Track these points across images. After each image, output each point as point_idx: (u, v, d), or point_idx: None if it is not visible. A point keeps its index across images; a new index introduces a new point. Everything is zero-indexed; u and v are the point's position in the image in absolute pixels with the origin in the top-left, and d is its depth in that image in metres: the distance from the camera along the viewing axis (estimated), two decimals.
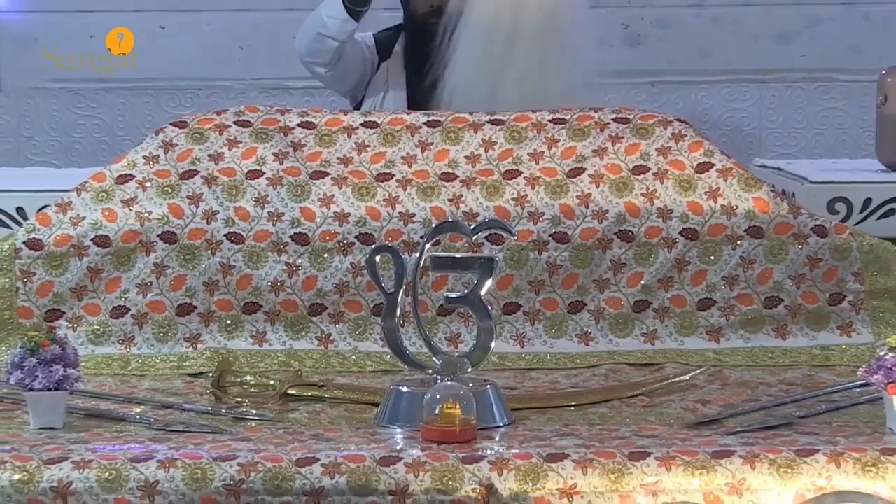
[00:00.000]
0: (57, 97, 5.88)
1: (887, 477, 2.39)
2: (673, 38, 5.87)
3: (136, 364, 3.10)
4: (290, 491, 2.36)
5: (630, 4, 5.85)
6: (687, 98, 5.73)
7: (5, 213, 3.60)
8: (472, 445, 2.47)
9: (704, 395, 2.88)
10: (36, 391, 2.59)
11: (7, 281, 3.14)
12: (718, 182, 3.24)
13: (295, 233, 3.18)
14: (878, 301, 3.19)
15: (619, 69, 5.78)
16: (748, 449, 2.43)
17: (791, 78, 5.89)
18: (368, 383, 2.95)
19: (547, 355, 3.15)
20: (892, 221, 3.71)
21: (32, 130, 5.90)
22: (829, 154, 5.14)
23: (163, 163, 3.27)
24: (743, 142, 5.39)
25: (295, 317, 3.16)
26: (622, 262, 3.19)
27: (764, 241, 3.19)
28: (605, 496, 2.37)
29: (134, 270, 3.16)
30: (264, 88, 5.67)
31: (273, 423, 2.67)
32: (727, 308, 3.18)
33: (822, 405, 2.71)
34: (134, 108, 5.78)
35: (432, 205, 3.21)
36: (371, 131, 3.35)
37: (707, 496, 2.38)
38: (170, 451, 2.43)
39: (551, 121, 3.37)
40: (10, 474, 2.37)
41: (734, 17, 5.87)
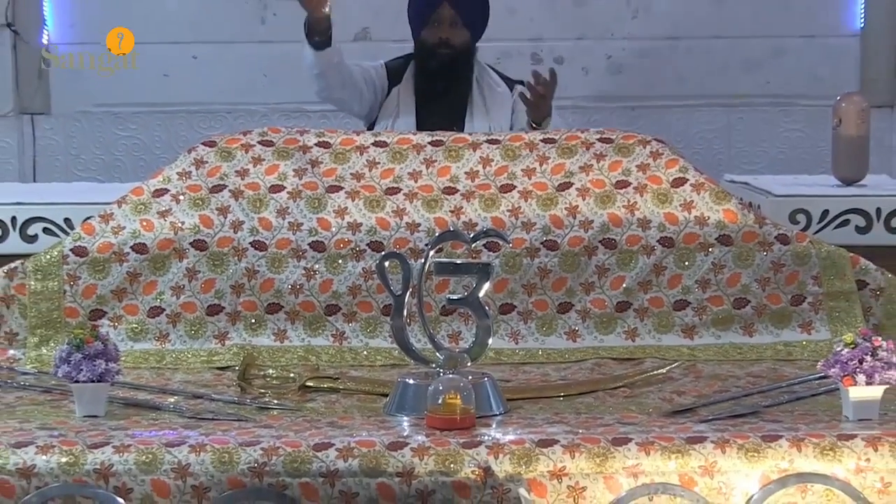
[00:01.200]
0: (100, 120, 5.89)
1: (843, 460, 2.39)
2: (651, 66, 5.88)
3: (170, 359, 3.10)
4: (308, 473, 2.36)
5: (613, 37, 5.85)
6: (664, 120, 5.73)
7: (54, 224, 3.60)
8: (472, 432, 2.46)
9: (680, 386, 2.87)
10: (81, 383, 2.59)
11: (55, 284, 3.13)
12: (692, 195, 3.23)
13: (312, 241, 3.18)
14: (835, 302, 3.18)
15: (603, 94, 5.80)
16: (719, 435, 2.43)
17: (757, 102, 5.89)
18: (378, 376, 2.95)
19: (538, 351, 3.15)
20: (846, 231, 3.71)
21: (78, 150, 5.91)
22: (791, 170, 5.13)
23: (195, 178, 3.26)
24: (714, 159, 5.39)
25: (312, 316, 3.15)
26: (606, 267, 3.18)
27: (733, 248, 3.18)
28: (590, 477, 2.36)
29: (168, 275, 3.16)
30: (285, 111, 5.67)
31: (293, 412, 2.67)
32: (700, 308, 3.17)
33: (785, 396, 2.70)
34: (169, 129, 5.78)
35: (436, 216, 3.21)
36: (381, 150, 3.35)
37: (682, 477, 2.37)
38: (200, 437, 2.43)
39: (542, 140, 3.37)
40: (58, 457, 2.37)
41: (706, 48, 5.87)
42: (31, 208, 3.64)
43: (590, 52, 5.81)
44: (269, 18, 5.83)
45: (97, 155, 5.90)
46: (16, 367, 3.00)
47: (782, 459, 2.39)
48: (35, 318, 3.12)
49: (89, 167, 5.88)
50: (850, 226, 3.73)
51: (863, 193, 3.88)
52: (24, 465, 2.36)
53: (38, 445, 2.40)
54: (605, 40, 5.86)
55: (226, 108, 5.80)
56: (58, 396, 2.77)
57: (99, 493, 2.35)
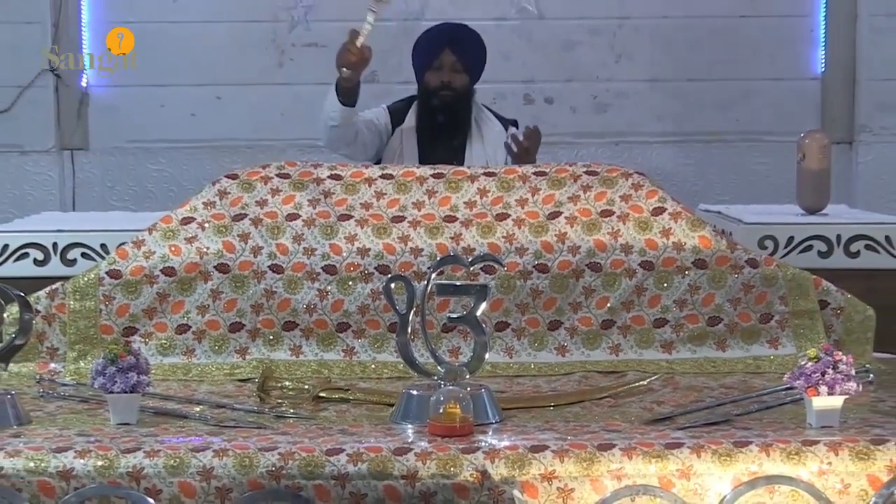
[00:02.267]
0: (133, 154, 5.90)
1: (807, 463, 2.39)
2: (633, 106, 5.90)
3: (195, 371, 3.10)
4: (321, 475, 2.36)
5: (598, 79, 5.87)
6: (644, 155, 5.75)
7: (91, 249, 3.60)
8: (470, 439, 2.46)
9: (659, 397, 2.87)
10: (115, 393, 2.59)
11: (92, 304, 3.14)
12: (670, 223, 3.23)
13: (325, 265, 3.18)
14: (800, 320, 3.18)
15: (589, 131, 5.82)
16: (695, 441, 2.43)
17: (728, 139, 5.91)
18: (385, 387, 2.94)
19: (531, 364, 3.14)
20: (810, 255, 3.71)
21: (113, 182, 5.92)
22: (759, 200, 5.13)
23: (218, 208, 3.27)
24: (689, 190, 5.40)
25: (325, 333, 3.15)
26: (592, 289, 3.18)
27: (707, 271, 3.18)
28: (578, 480, 2.36)
29: (194, 295, 3.16)
30: (300, 147, 5.68)
31: (307, 420, 2.66)
32: (677, 326, 3.17)
33: (755, 405, 2.70)
34: (195, 163, 5.80)
35: (437, 242, 3.21)
36: (387, 182, 3.35)
37: (661, 480, 2.37)
38: (223, 443, 2.42)
39: (534, 173, 3.37)
40: (94, 461, 2.37)
41: (682, 90, 5.89)
42: (71, 235, 3.65)
43: (577, 92, 5.83)
44: (286, 63, 5.85)
45: (130, 187, 5.91)
46: (56, 378, 3.00)
47: (752, 463, 2.39)
48: (74, 335, 3.12)
49: (123, 198, 5.89)
50: (812, 251, 3.73)
51: (824, 222, 3.88)
52: (64, 468, 2.36)
53: (77, 450, 2.40)
54: (590, 82, 5.88)
55: (246, 144, 5.81)
56: (94, 406, 2.77)
57: (131, 494, 2.35)
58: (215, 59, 5.86)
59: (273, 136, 5.82)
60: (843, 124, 5.87)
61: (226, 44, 5.85)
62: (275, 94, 5.86)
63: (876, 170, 5.84)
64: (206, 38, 5.84)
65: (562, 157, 5.06)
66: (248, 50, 5.86)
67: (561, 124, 5.79)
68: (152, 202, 5.59)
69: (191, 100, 5.88)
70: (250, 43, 5.85)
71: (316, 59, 5.71)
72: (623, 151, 5.76)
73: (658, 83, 5.90)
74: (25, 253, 3.62)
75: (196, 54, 5.84)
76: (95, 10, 5.83)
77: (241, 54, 5.86)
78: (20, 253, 3.62)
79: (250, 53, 5.86)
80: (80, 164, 5.92)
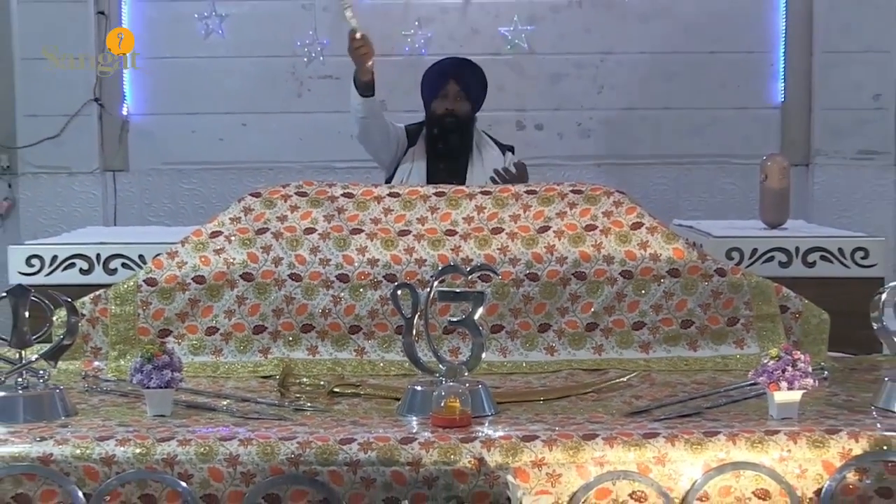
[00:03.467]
0: (168, 175, 5.91)
1: (769, 451, 2.39)
2: (613, 132, 5.91)
3: (223, 369, 3.09)
4: (335, 462, 2.35)
5: (582, 108, 5.89)
6: (624, 175, 5.75)
7: (131, 259, 3.61)
8: (468, 429, 2.46)
9: (637, 392, 2.87)
10: (151, 389, 2.59)
11: (131, 308, 3.13)
12: (647, 237, 3.23)
13: (339, 273, 3.18)
14: (763, 323, 3.17)
15: (574, 154, 5.83)
16: (669, 431, 2.43)
17: (699, 161, 5.92)
18: (392, 384, 2.94)
19: (523, 363, 3.13)
20: (772, 265, 3.72)
21: (150, 199, 5.93)
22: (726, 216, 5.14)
23: (243, 223, 3.27)
24: (665, 207, 5.40)
25: (339, 335, 3.15)
26: (577, 295, 3.18)
27: (680, 279, 3.18)
28: (565, 466, 2.36)
29: (222, 301, 3.15)
30: (317, 168, 5.70)
31: (322, 413, 2.66)
32: (654, 328, 3.17)
33: (723, 399, 2.69)
34: (223, 182, 5.81)
35: (439, 253, 3.21)
36: (394, 199, 3.35)
37: (640, 466, 2.37)
38: (248, 433, 2.42)
39: (525, 192, 3.37)
40: (133, 448, 2.37)
41: (657, 117, 5.90)
42: (112, 247, 3.65)
43: (564, 120, 5.84)
44: (304, 93, 5.87)
45: (165, 204, 5.92)
46: (99, 375, 3.00)
47: (720, 451, 2.39)
48: (115, 336, 3.12)
49: (158, 214, 5.90)
50: (774, 261, 3.74)
51: (784, 235, 3.89)
52: (106, 455, 2.36)
53: (118, 439, 2.40)
54: (576, 111, 5.89)
55: (268, 166, 5.82)
56: (133, 399, 2.77)
57: (166, 478, 2.35)
58: (241, 90, 5.88)
59: (292, 158, 5.83)
60: (801, 148, 5.88)
61: (250, 77, 5.87)
62: (294, 121, 5.88)
63: (829, 189, 5.86)
64: (233, 72, 5.86)
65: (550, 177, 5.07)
66: (270, 82, 5.87)
67: (549, 148, 5.81)
68: (184, 218, 5.60)
69: (219, 126, 5.90)
70: (272, 76, 5.87)
71: (330, 90, 5.73)
72: (605, 172, 5.77)
73: (636, 111, 5.91)
74: (72, 263, 3.62)
75: (224, 86, 5.86)
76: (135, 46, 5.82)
77: (264, 86, 5.88)
78: (68, 263, 3.63)
79: (272, 85, 5.88)
80: (121, 183, 5.93)
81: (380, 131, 4.45)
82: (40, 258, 3.61)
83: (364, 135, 4.47)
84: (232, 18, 5.85)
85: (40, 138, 5.78)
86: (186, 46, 5.84)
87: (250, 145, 5.89)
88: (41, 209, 5.81)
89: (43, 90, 5.74)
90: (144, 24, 5.85)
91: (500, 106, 5.56)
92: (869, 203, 5.84)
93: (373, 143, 4.51)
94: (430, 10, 5.85)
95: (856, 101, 5.81)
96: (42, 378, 2.65)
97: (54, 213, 5.78)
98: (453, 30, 5.83)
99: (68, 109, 5.77)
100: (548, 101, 5.85)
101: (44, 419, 2.55)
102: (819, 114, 5.88)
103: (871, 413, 2.60)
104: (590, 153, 5.87)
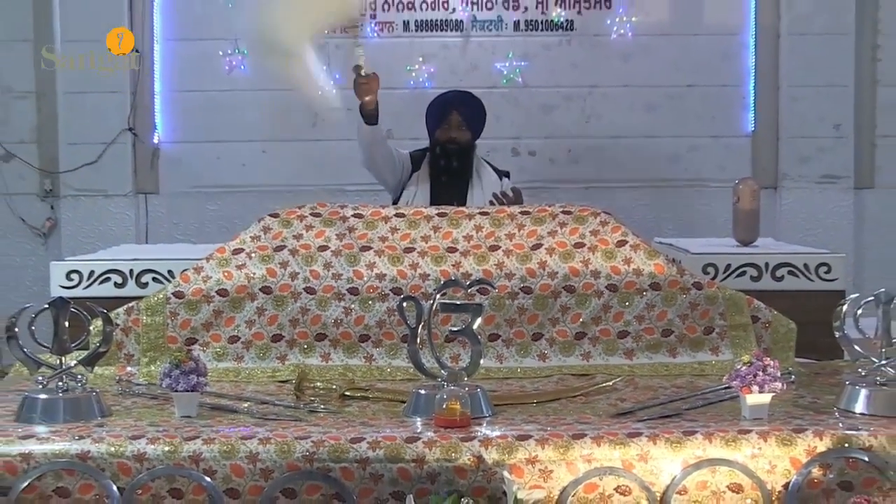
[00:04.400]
0: (195, 197, 5.92)
1: (742, 448, 2.39)
2: (599, 158, 5.92)
3: (244, 374, 3.09)
4: (346, 459, 2.35)
5: (572, 136, 5.91)
6: (610, 197, 5.74)
7: (160, 274, 3.61)
8: (468, 429, 2.46)
9: (622, 395, 2.86)
10: (179, 392, 2.59)
11: (161, 319, 3.13)
12: (631, 253, 3.23)
13: (349, 287, 3.18)
14: (736, 332, 3.17)
15: (564, 178, 5.83)
16: (651, 431, 2.42)
17: (678, 185, 5.92)
18: (398, 388, 2.93)
19: (517, 368, 3.13)
20: (744, 279, 3.71)
21: (178, 219, 5.93)
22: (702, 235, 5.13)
23: (263, 241, 3.27)
24: (647, 226, 5.39)
25: (349, 343, 3.15)
26: (567, 307, 3.18)
27: (661, 292, 3.18)
28: (556, 463, 2.36)
29: (243, 312, 3.15)
30: (330, 191, 5.69)
31: (335, 414, 2.66)
32: (637, 337, 3.17)
33: (700, 401, 2.69)
34: (244, 204, 5.79)
35: (441, 269, 3.21)
36: (400, 219, 3.36)
37: (624, 463, 2.37)
38: (266, 432, 2.42)
39: (520, 213, 3.37)
40: (162, 446, 2.37)
41: (639, 145, 5.91)
42: (144, 263, 3.65)
43: (555, 147, 5.84)
44: (318, 123, 5.87)
45: (192, 224, 5.92)
46: (132, 380, 2.99)
47: (698, 448, 2.38)
48: (146, 344, 3.12)
49: (186, 232, 5.90)
50: (746, 276, 3.73)
51: (755, 252, 3.89)
52: (138, 452, 2.36)
53: (148, 437, 2.40)
54: (566, 138, 5.90)
55: (286, 189, 5.81)
56: (162, 402, 2.77)
57: (192, 473, 2.35)
58: (261, 121, 5.89)
59: (307, 182, 5.83)
60: (769, 173, 5.88)
61: (269, 108, 5.87)
62: (308, 148, 5.88)
63: (796, 210, 5.86)
64: (254, 104, 5.86)
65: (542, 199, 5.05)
66: (287, 113, 5.87)
67: (541, 172, 5.82)
68: (209, 236, 5.59)
69: (241, 153, 5.90)
70: (289, 107, 5.86)
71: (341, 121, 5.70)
72: (592, 195, 5.75)
73: (620, 139, 5.92)
74: (108, 277, 3.62)
75: (245, 117, 5.87)
76: (165, 81, 5.87)
77: (281, 116, 5.87)
78: (104, 277, 3.62)
79: (289, 116, 5.87)
80: (152, 205, 5.93)
81: (384, 157, 4.45)
82: (79, 273, 3.61)
83: (370, 160, 4.47)
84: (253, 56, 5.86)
85: (80, 164, 5.80)
86: (212, 81, 5.85)
87: (269, 170, 5.90)
88: (80, 228, 5.82)
89: (83, 121, 5.77)
90: (174, 61, 5.88)
91: (497, 134, 5.57)
92: (831, 223, 5.86)
93: (377, 168, 4.51)
94: (433, 47, 5.87)
95: (818, 131, 5.85)
96: (80, 382, 2.65)
97: (92, 232, 5.78)
98: (454, 65, 5.85)
99: (105, 138, 5.79)
100: (540, 130, 5.85)
101: (82, 419, 2.56)
102: (786, 142, 5.89)
103: (834, 414, 2.60)
104: (578, 177, 5.87)
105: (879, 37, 5.89)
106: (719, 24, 5.90)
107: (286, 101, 5.85)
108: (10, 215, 5.92)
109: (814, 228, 5.78)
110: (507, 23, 5.87)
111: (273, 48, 3.86)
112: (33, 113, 5.90)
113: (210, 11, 5.84)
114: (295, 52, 3.81)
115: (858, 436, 2.41)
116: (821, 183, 5.88)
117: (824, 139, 5.86)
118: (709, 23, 5.90)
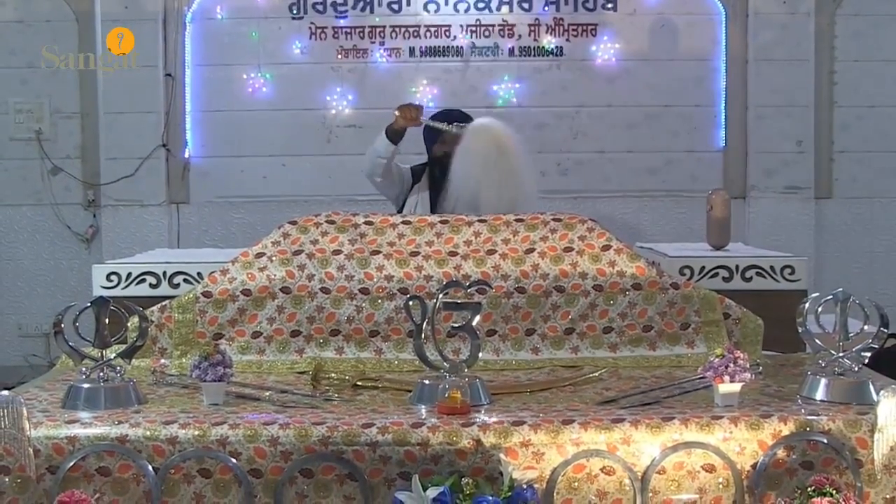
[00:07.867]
0: (221, 207, 5.93)
1: (714, 433, 2.39)
2: (587, 170, 5.93)
3: (266, 366, 3.08)
4: (358, 443, 2.35)
5: (561, 151, 5.91)
6: (596, 206, 5.76)
7: (190, 276, 3.59)
8: (467, 416, 2.46)
9: (607, 385, 2.86)
10: (207, 382, 2.59)
11: (191, 316, 3.13)
12: (615, 257, 3.23)
13: (361, 287, 3.17)
14: (709, 328, 3.16)
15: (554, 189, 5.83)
16: (633, 417, 2.42)
17: (657, 195, 5.93)
18: (405, 378, 2.93)
19: (512, 361, 3.12)
20: (716, 280, 3.68)
21: (207, 226, 5.94)
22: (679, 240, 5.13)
23: (282, 246, 3.27)
24: (629, 233, 5.39)
25: (361, 338, 3.14)
26: (557, 305, 3.17)
27: (642, 292, 3.18)
28: (547, 446, 2.36)
29: (265, 310, 3.15)
30: (343, 201, 5.70)
31: (347, 403, 2.66)
32: (620, 332, 3.16)
33: (677, 390, 2.69)
34: (266, 212, 5.81)
35: (443, 271, 3.20)
36: (407, 226, 3.35)
37: (609, 446, 2.37)
38: (286, 419, 2.42)
39: (514, 220, 3.37)
40: (192, 431, 2.37)
41: (622, 158, 5.92)
42: (176, 266, 3.64)
43: (546, 161, 5.84)
44: (332, 139, 5.90)
45: (218, 230, 5.93)
46: (165, 371, 2.99)
47: (675, 433, 2.38)
48: (177, 339, 3.11)
49: (213, 238, 5.90)
50: (718, 277, 3.72)
51: (727, 255, 3.87)
52: (171, 436, 2.36)
53: (180, 423, 2.40)
54: (556, 153, 5.91)
55: (303, 199, 5.82)
56: (192, 391, 2.77)
57: (219, 455, 2.35)
58: (281, 137, 5.91)
59: (323, 192, 5.84)
60: (739, 184, 5.90)
61: (288, 126, 5.90)
62: (324, 162, 5.90)
63: (762, 218, 5.88)
64: (274, 122, 5.89)
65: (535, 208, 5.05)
66: (304, 130, 5.90)
67: None
68: (234, 242, 5.59)
69: (263, 166, 5.92)
70: (306, 125, 5.90)
71: (354, 137, 5.76)
72: (580, 204, 5.76)
73: (605, 154, 5.93)
74: (143, 279, 3.61)
75: (267, 133, 5.89)
76: (195, 102, 5.90)
77: (299, 133, 5.91)
78: (140, 279, 3.61)
79: (306, 132, 5.91)
80: (183, 214, 5.95)
81: (389, 171, 4.42)
82: (118, 275, 3.60)
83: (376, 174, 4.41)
84: (274, 78, 5.89)
85: (119, 177, 5.83)
86: (237, 101, 5.87)
87: (288, 182, 5.91)
88: (119, 235, 5.85)
89: (121, 138, 5.80)
90: (203, 83, 5.90)
91: None
92: (794, 229, 5.87)
93: (378, 179, 4.46)
94: (436, 71, 5.88)
95: (782, 146, 5.89)
96: (119, 373, 2.65)
97: (129, 238, 5.80)
98: (455, 87, 5.86)
99: (141, 153, 5.82)
100: (532, 146, 5.77)
101: (120, 406, 2.56)
102: (753, 156, 5.91)
103: (797, 401, 2.59)
104: (567, 188, 5.87)
105: (836, 63, 5.95)
106: (693, 51, 5.93)
107: (303, 119, 5.90)
108: (57, 223, 5.95)
109: (778, 234, 5.78)
110: (502, 49, 5.88)
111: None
112: (78, 131, 5.93)
113: (235, 41, 5.87)
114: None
115: (818, 421, 2.41)
116: (785, 193, 5.89)
117: (788, 154, 5.89)
118: (684, 50, 5.93)
